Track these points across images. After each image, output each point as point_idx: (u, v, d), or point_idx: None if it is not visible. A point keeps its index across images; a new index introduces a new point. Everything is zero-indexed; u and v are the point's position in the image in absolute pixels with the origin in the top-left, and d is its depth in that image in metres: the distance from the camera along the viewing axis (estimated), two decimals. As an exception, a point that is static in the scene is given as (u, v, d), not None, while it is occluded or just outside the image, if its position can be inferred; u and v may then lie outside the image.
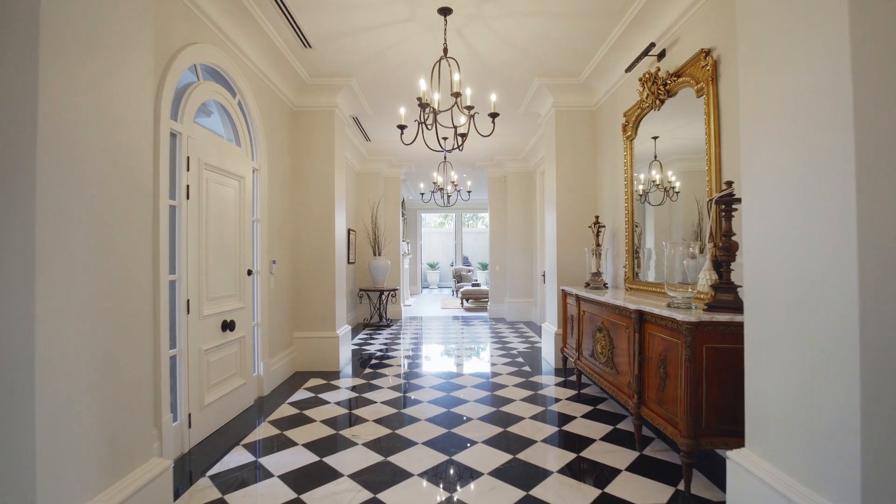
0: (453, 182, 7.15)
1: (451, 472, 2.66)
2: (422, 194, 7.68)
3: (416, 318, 9.27)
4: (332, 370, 5.02)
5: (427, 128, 3.39)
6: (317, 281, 5.08)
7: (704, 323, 2.34)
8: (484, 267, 16.38)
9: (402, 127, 3.54)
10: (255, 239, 4.10)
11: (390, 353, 5.95)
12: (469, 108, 3.34)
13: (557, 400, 3.96)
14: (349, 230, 7.97)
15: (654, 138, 3.80)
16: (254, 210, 4.09)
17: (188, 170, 2.99)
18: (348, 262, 7.92)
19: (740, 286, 2.51)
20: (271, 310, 4.39)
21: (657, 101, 3.62)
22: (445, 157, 7.46)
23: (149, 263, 2.09)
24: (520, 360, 5.53)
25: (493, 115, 3.33)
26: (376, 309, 8.40)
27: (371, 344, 6.62)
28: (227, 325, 3.44)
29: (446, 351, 6.18)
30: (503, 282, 9.23)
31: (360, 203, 8.77)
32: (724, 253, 2.50)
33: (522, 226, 8.74)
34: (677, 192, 3.49)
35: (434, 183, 7.26)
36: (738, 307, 2.42)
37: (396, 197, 9.38)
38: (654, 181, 3.84)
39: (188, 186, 2.99)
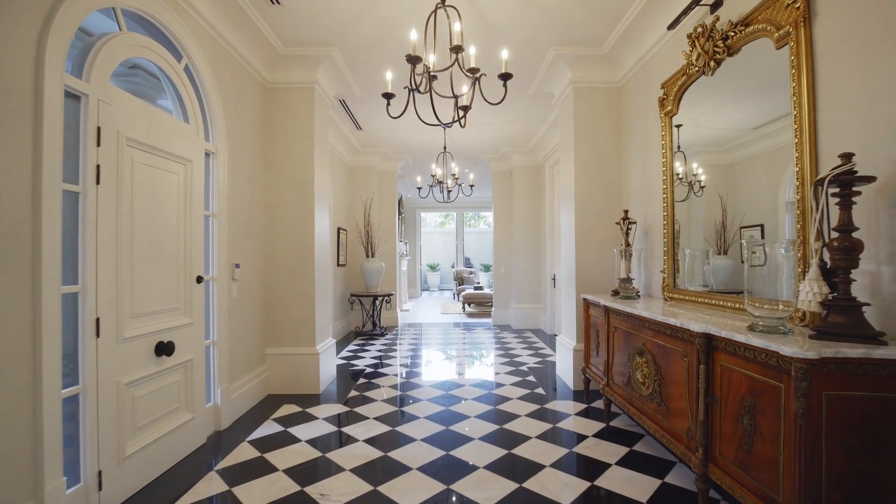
0: (454, 175, 6.39)
1: (451, 562, 1.91)
2: (419, 188, 6.90)
3: (413, 325, 8.50)
4: (312, 392, 4.26)
5: (420, 92, 2.63)
6: (293, 287, 4.31)
7: (827, 360, 1.57)
8: (487, 269, 15.58)
9: (388, 95, 2.77)
10: (209, 238, 3.34)
11: (381, 370, 5.18)
12: (473, 70, 2.58)
13: (582, 437, 3.19)
14: (339, 229, 7.21)
15: (678, 126, 3.43)
16: (207, 202, 3.32)
17: (98, 144, 2.24)
18: (338, 265, 7.16)
19: (867, 304, 1.76)
20: (233, 324, 3.63)
21: (711, 63, 2.85)
22: (445, 148, 6.69)
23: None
24: (531, 378, 4.77)
25: (505, 77, 2.57)
26: (369, 316, 7.63)
27: (361, 357, 5.84)
28: (164, 349, 2.68)
29: (445, 368, 5.41)
30: (508, 285, 8.45)
31: (352, 200, 8.00)
32: (842, 256, 1.74)
33: (529, 224, 7.97)
34: (702, 187, 3.14)
35: (433, 176, 6.50)
36: (864, 335, 1.66)
37: (392, 193, 8.60)
38: (677, 174, 3.43)
39: (98, 167, 2.24)
